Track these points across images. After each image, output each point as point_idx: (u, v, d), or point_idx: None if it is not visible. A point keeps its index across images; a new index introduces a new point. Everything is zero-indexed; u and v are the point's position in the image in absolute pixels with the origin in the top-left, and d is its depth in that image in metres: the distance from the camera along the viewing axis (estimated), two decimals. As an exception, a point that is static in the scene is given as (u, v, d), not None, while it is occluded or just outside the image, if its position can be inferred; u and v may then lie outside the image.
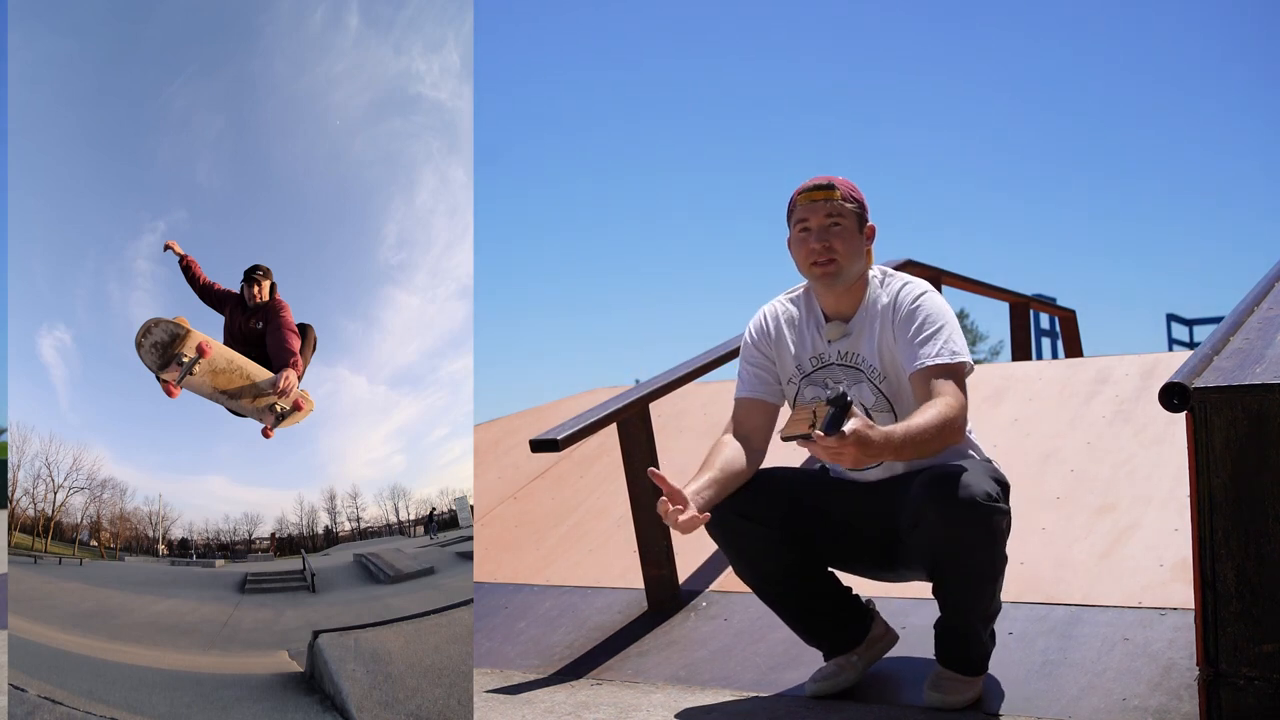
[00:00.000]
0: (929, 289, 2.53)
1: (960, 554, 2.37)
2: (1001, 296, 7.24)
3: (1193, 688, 2.33)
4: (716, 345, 4.05)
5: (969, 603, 2.43)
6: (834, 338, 2.57)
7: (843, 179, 2.57)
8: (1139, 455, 3.67)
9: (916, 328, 2.46)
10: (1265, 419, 2.10)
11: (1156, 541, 3.12)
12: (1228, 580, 2.14)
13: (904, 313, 2.48)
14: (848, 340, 2.55)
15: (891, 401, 2.52)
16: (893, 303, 2.52)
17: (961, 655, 2.49)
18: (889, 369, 2.51)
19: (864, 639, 2.71)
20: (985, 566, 2.39)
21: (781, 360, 2.65)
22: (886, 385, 2.52)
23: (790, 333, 2.64)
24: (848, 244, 2.51)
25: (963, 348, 2.45)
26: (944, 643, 2.50)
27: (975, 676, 2.50)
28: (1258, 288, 3.15)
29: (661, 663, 3.02)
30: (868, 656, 2.71)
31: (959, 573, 2.40)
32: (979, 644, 2.47)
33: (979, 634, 2.46)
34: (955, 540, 2.35)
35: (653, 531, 3.41)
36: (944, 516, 2.32)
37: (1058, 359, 9.07)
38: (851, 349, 2.55)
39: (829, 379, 2.57)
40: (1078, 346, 7.74)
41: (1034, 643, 2.76)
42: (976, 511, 2.30)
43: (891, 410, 2.52)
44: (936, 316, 2.47)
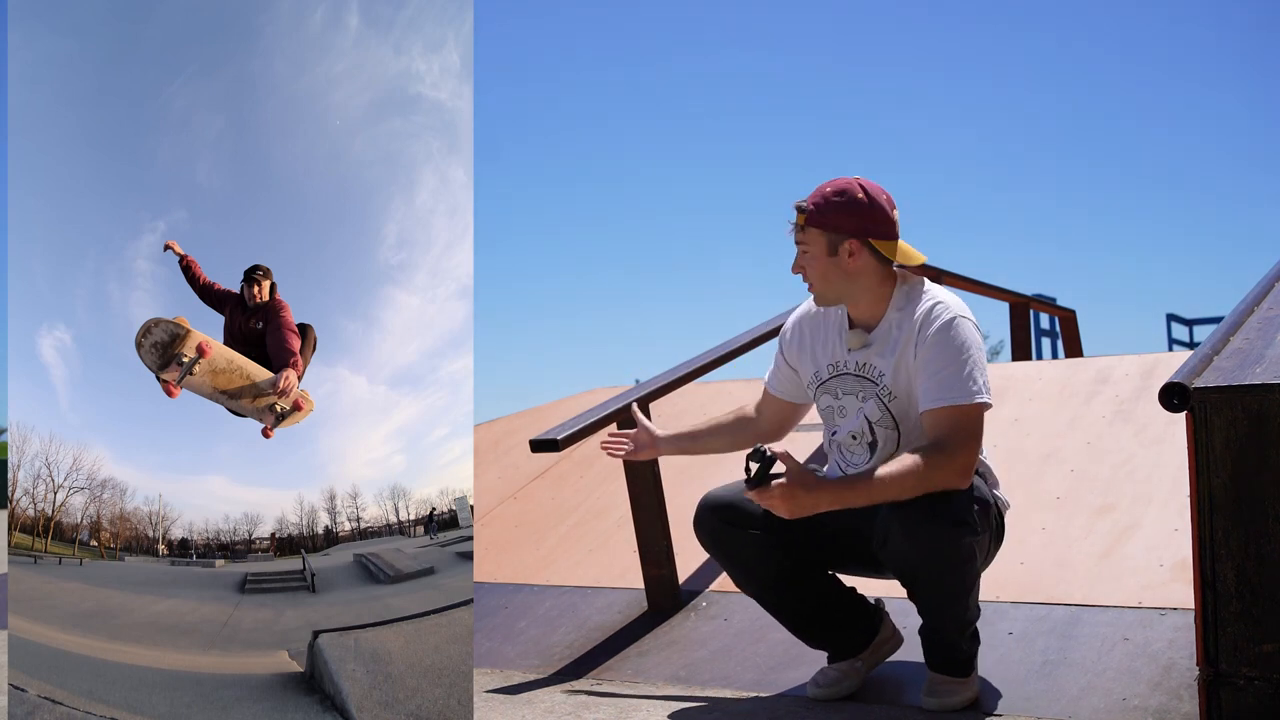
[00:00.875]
0: (958, 315, 2.42)
1: (928, 574, 2.38)
2: (1001, 296, 7.23)
3: (1193, 688, 2.33)
4: (716, 345, 4.05)
5: (940, 614, 2.44)
6: (854, 346, 2.53)
7: (826, 193, 2.49)
8: (1139, 455, 3.67)
9: (935, 362, 2.38)
10: (1265, 419, 2.10)
11: (1156, 541, 3.12)
12: (1228, 580, 2.14)
13: (928, 343, 2.40)
14: (867, 351, 2.52)
15: (898, 420, 2.49)
16: (918, 325, 2.43)
17: (945, 659, 2.49)
18: (900, 389, 2.47)
19: (870, 643, 2.69)
20: (954, 585, 2.39)
21: (804, 366, 2.66)
22: (896, 404, 2.48)
23: (820, 335, 2.63)
24: (814, 268, 2.50)
25: (983, 384, 2.38)
26: (928, 648, 2.51)
27: (965, 678, 2.49)
28: (1258, 288, 3.15)
29: (661, 663, 3.02)
30: (871, 661, 2.70)
31: (928, 590, 2.41)
32: (958, 649, 2.47)
33: (956, 640, 2.46)
34: (921, 562, 2.35)
35: (653, 531, 3.41)
36: (909, 538, 2.32)
37: (1058, 359, 9.07)
38: (869, 360, 2.51)
39: (840, 389, 2.56)
40: (1078, 346, 7.73)
41: (1034, 643, 2.76)
42: (941, 537, 2.31)
43: (896, 428, 2.50)
44: (960, 349, 2.38)
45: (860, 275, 2.49)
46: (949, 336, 2.39)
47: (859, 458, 2.57)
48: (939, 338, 2.39)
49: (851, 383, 2.54)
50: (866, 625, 2.70)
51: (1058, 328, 10.41)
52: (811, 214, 2.48)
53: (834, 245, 2.47)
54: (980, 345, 2.44)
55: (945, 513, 2.30)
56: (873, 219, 2.47)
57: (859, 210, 2.46)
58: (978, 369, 2.38)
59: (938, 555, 2.33)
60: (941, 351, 2.38)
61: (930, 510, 2.30)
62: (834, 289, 2.51)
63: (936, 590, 2.40)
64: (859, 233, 2.46)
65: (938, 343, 2.39)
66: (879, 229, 2.47)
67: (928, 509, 2.30)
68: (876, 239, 2.47)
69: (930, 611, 2.45)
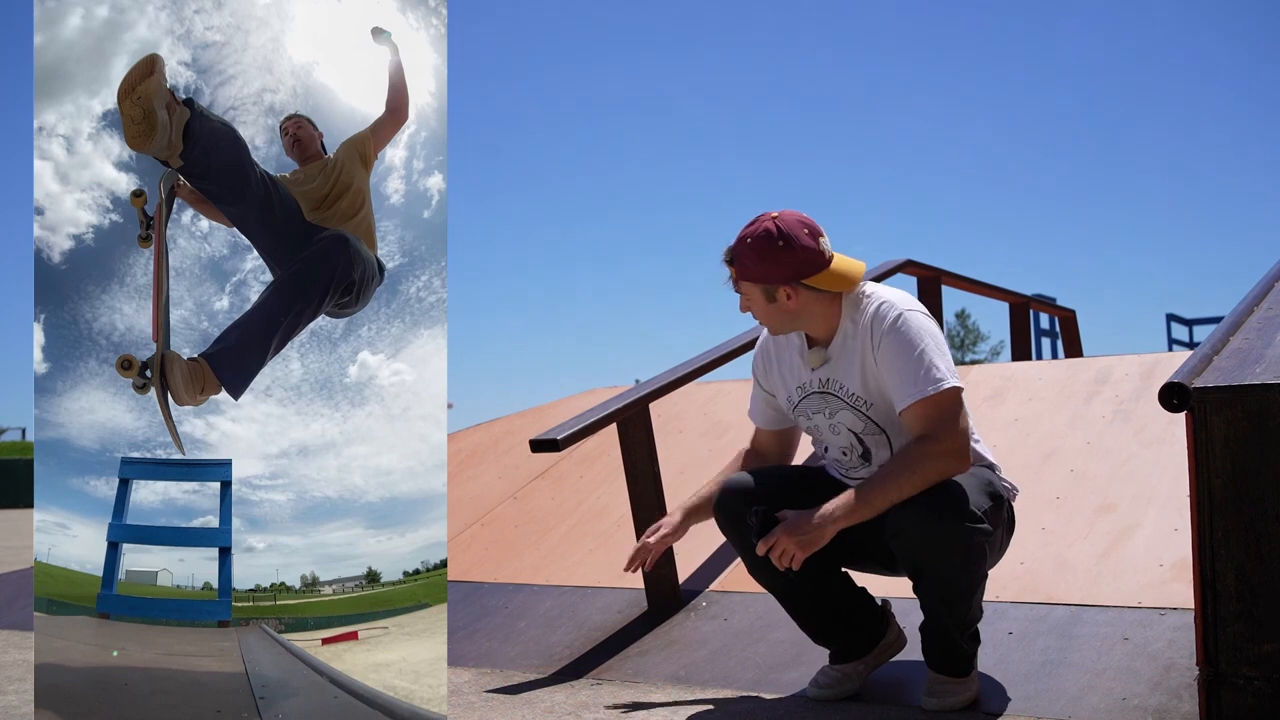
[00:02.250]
0: (903, 310, 2.45)
1: (936, 568, 2.38)
2: (1001, 296, 7.24)
3: (1192, 687, 2.33)
4: (716, 345, 4.05)
5: (944, 612, 2.43)
6: (815, 365, 2.56)
7: (746, 245, 2.48)
8: (1139, 455, 3.67)
9: (894, 362, 2.41)
10: (1265, 419, 2.10)
11: (1156, 541, 3.13)
12: (1228, 580, 2.14)
13: (881, 346, 2.43)
14: (828, 367, 2.53)
15: (883, 426, 2.50)
16: (867, 332, 2.46)
17: (945, 658, 2.49)
18: (875, 395, 2.48)
19: (874, 647, 2.69)
20: (962, 582, 2.39)
21: (778, 390, 2.69)
22: (875, 411, 2.50)
23: (785, 358, 2.65)
24: (760, 311, 2.54)
25: (945, 370, 2.38)
26: (927, 646, 2.51)
27: (964, 677, 2.49)
28: (1258, 288, 3.15)
29: (661, 663, 3.02)
30: (874, 663, 2.70)
31: (935, 585, 2.41)
32: (958, 648, 2.47)
33: (955, 640, 2.46)
34: (930, 555, 2.36)
35: (653, 531, 3.41)
36: (921, 531, 2.33)
37: (1058, 359, 9.07)
38: (832, 375, 2.53)
39: (810, 409, 2.59)
40: (1078, 346, 7.74)
41: (1034, 643, 2.76)
42: (953, 531, 2.32)
43: (884, 433, 2.51)
44: (912, 342, 2.40)
45: (804, 310, 2.51)
46: (899, 333, 2.42)
47: (857, 471, 2.59)
48: (891, 337, 2.42)
49: (818, 401, 2.57)
50: (873, 628, 2.69)
51: (1058, 328, 10.42)
52: (740, 271, 2.51)
53: (769, 294, 2.50)
54: (933, 333, 2.44)
55: (956, 508, 2.32)
56: (797, 261, 2.46)
57: (781, 258, 2.45)
58: (937, 355, 2.40)
59: (949, 550, 2.33)
60: (898, 350, 2.41)
61: (944, 504, 2.32)
62: (784, 325, 2.56)
63: (944, 585, 2.40)
64: (790, 278, 2.47)
65: (891, 342, 2.42)
66: (807, 268, 2.46)
67: (941, 503, 2.32)
68: (808, 278, 2.47)
69: (935, 607, 2.44)
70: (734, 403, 5.01)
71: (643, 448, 3.44)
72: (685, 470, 4.36)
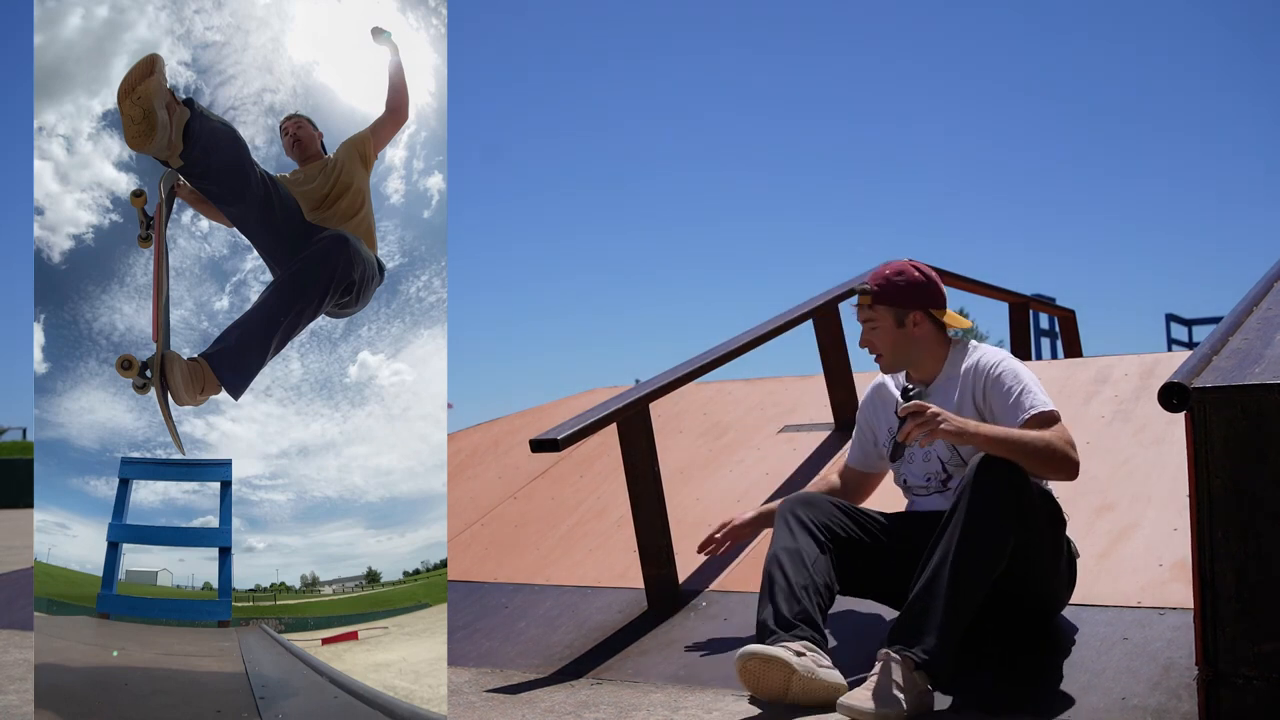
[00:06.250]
0: (1007, 354, 2.83)
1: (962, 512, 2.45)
2: (1001, 296, 7.23)
3: (1192, 687, 2.33)
4: (716, 345, 4.05)
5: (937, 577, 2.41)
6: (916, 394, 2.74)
7: (887, 272, 2.91)
8: (1139, 455, 3.68)
9: (1008, 390, 2.72)
10: (1264, 419, 2.10)
11: (1156, 541, 3.13)
12: (1227, 580, 2.14)
13: (992, 378, 2.76)
14: (929, 399, 2.71)
15: (967, 460, 2.72)
16: (975, 368, 2.81)
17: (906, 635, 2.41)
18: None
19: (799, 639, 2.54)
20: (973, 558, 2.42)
21: (880, 426, 3.04)
22: (964, 449, 2.74)
23: (889, 396, 3.00)
24: (884, 339, 2.89)
25: (1048, 401, 2.70)
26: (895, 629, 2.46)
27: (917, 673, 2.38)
28: (1257, 288, 3.15)
29: (661, 663, 3.02)
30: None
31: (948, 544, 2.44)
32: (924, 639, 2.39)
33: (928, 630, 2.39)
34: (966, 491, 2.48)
35: (653, 531, 3.41)
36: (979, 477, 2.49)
37: (1057, 359, 9.08)
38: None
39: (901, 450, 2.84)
40: (1077, 346, 7.73)
41: (1033, 642, 2.76)
42: (999, 475, 2.49)
43: (965, 465, 2.72)
44: (1020, 377, 2.74)
45: (923, 340, 2.89)
46: (1011, 369, 2.78)
47: (931, 501, 2.84)
48: (1000, 373, 2.77)
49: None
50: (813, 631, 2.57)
51: (1057, 328, 10.42)
52: (878, 294, 2.89)
53: (900, 318, 2.88)
54: (1034, 375, 2.79)
55: (1023, 501, 2.52)
56: (930, 293, 2.91)
57: (918, 286, 2.90)
58: (1041, 390, 2.74)
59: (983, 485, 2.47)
60: (1012, 383, 2.74)
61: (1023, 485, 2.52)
62: (901, 355, 2.90)
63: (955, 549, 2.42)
64: (921, 305, 2.88)
65: (1004, 377, 2.75)
66: (935, 300, 2.92)
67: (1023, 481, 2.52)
68: (935, 309, 2.90)
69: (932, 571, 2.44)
70: (734, 403, 5.01)
71: (642, 448, 3.44)
72: (685, 470, 4.36)
